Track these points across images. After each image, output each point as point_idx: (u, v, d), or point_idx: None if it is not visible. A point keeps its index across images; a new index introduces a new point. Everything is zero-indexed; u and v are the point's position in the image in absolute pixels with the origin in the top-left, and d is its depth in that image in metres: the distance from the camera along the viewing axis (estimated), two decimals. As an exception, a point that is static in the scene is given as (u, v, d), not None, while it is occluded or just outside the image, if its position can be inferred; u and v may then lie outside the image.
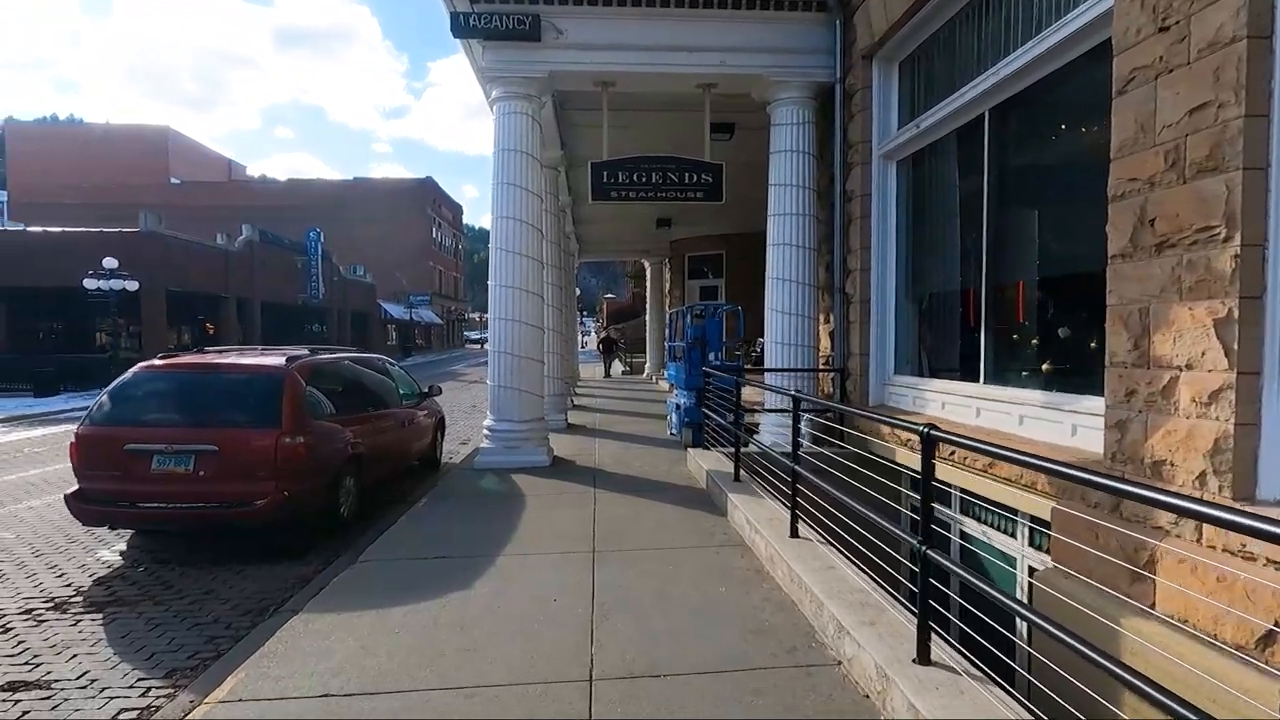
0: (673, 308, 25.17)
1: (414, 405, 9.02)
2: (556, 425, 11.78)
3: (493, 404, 8.50)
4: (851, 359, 8.26)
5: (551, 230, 11.90)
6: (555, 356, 12.04)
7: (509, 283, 8.30)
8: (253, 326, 33.70)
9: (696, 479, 7.60)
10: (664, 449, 9.69)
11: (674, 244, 25.36)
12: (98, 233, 25.79)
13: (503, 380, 8.38)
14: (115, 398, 6.08)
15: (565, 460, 8.87)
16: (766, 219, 9.23)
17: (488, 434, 8.48)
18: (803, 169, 8.61)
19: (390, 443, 7.95)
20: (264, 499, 5.77)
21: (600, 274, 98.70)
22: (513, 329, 8.33)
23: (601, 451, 9.57)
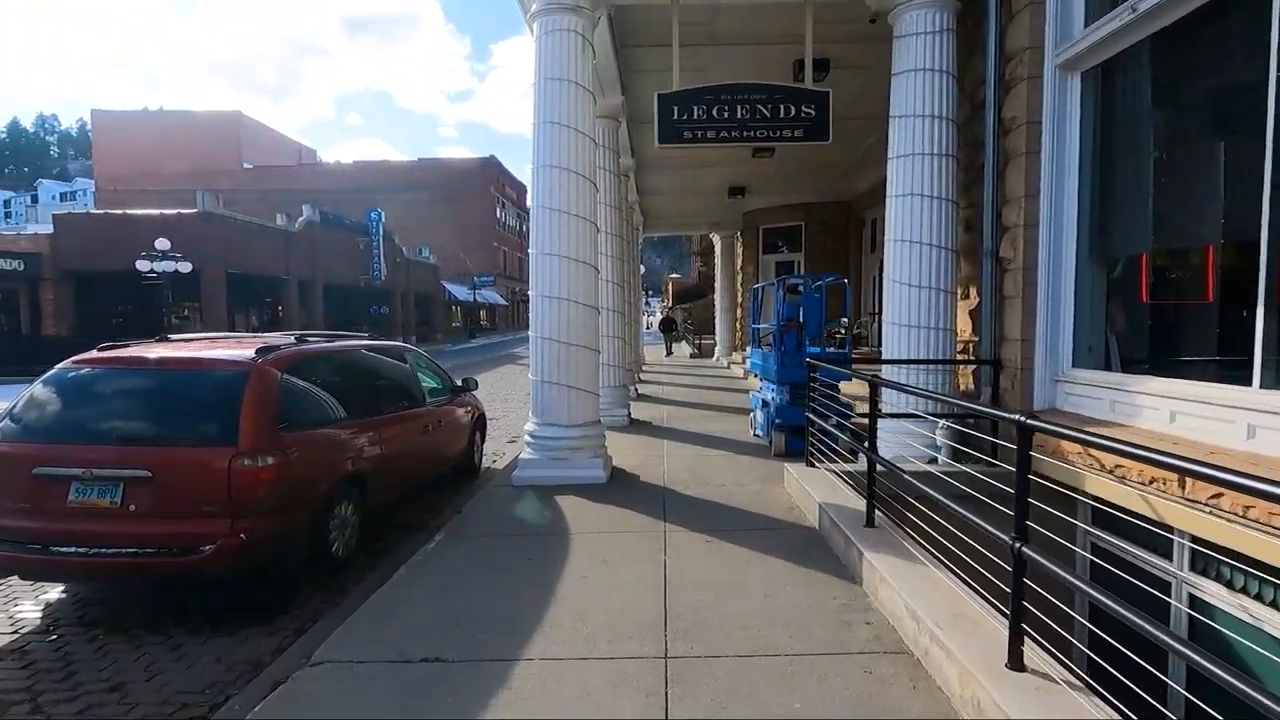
0: (756, 282, 23.08)
1: (445, 402, 7.41)
2: (617, 422, 10.03)
3: (535, 403, 6.78)
4: (1007, 346, 6.16)
5: (611, 193, 10.08)
6: (616, 341, 10.27)
7: (553, 249, 6.53)
8: (314, 309, 33.25)
9: (802, 510, 5.67)
10: (750, 458, 7.80)
11: (747, 215, 23.25)
12: (157, 215, 25.44)
13: (547, 374, 6.64)
14: (29, 404, 4.59)
15: (626, 473, 7.09)
16: (852, 185, 7.15)
17: (530, 441, 6.78)
18: (938, 93, 6.48)
19: (411, 451, 6.34)
20: (213, 544, 4.19)
21: (665, 252, 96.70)
22: (559, 310, 6.56)
23: (672, 460, 7.75)
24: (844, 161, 16.52)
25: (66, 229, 25.73)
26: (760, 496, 6.12)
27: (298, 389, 5.05)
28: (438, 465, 7.18)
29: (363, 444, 5.56)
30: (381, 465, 5.78)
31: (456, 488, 7.48)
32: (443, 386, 7.70)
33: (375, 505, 5.82)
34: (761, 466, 7.30)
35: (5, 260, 24.64)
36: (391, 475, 5.98)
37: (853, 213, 20.80)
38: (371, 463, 5.63)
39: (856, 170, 17.42)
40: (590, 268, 6.73)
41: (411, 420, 6.43)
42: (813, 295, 7.72)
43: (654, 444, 8.76)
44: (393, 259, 40.83)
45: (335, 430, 5.25)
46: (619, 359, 10.38)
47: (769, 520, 5.45)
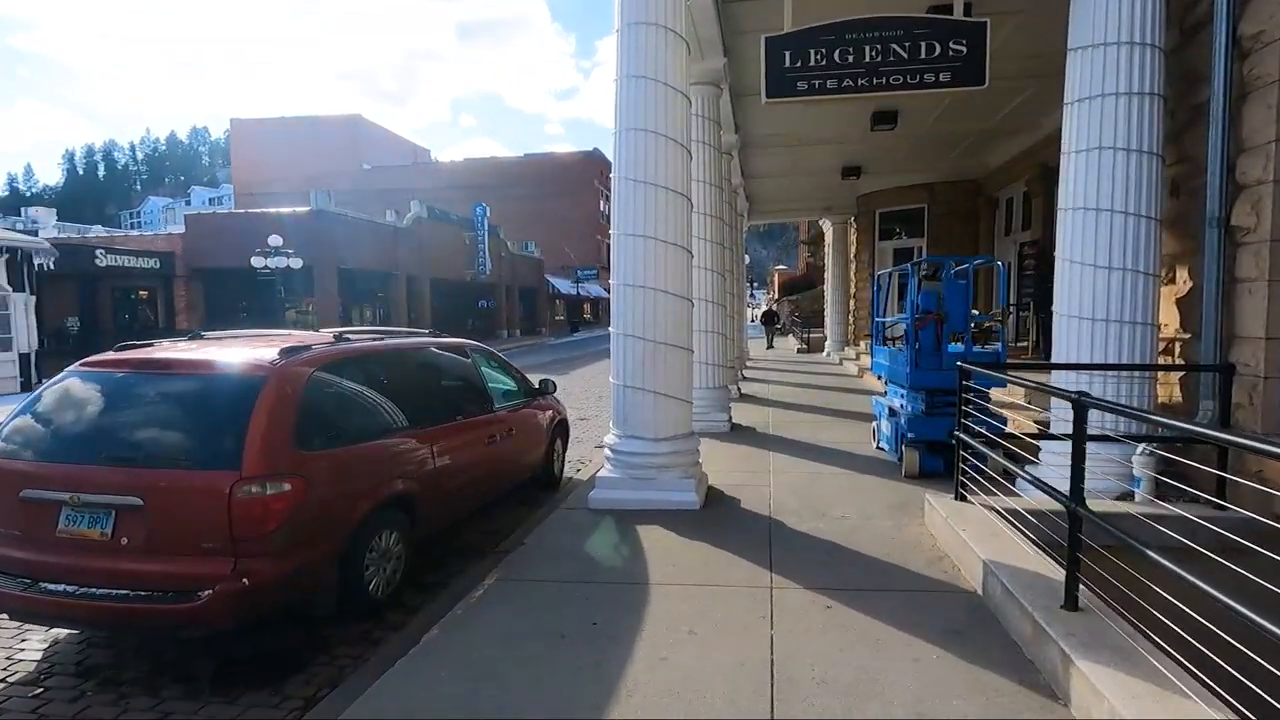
0: (871, 271, 21.26)
1: (518, 407, 6.53)
2: (715, 428, 8.89)
3: (616, 412, 5.76)
4: (1241, 347, 4.58)
5: (710, 169, 8.91)
6: (714, 337, 9.12)
7: (637, 229, 5.46)
8: (422, 303, 33.89)
9: (956, 564, 4.29)
10: (874, 479, 6.46)
11: (862, 199, 21.44)
12: (274, 213, 26.44)
13: (630, 377, 5.59)
14: (28, 414, 3.98)
15: (723, 497, 5.95)
16: (984, 160, 5.65)
17: (610, 456, 5.76)
18: (1139, 11, 4.91)
19: (474, 465, 5.47)
20: (210, 589, 3.42)
21: (770, 243, 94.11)
22: (644, 301, 5.50)
23: (779, 479, 6.53)
24: (976, 132, 14.57)
25: (195, 229, 27.21)
26: (894, 538, 4.81)
27: (328, 397, 4.24)
28: (509, 478, 6.30)
29: (412, 460, 4.71)
30: (436, 484, 4.92)
31: (532, 500, 6.60)
32: (516, 389, 6.82)
33: (429, 530, 4.98)
34: (891, 491, 5.97)
35: (143, 259, 26.28)
36: (449, 494, 5.12)
37: (983, 192, 18.67)
38: (423, 482, 4.78)
39: (990, 142, 15.38)
40: (682, 251, 5.62)
41: (474, 429, 5.55)
42: (957, 282, 6.28)
43: (758, 457, 7.55)
44: (498, 253, 41.21)
45: (377, 445, 4.41)
46: (719, 356, 9.22)
47: (909, 576, 4.15)
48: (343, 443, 4.15)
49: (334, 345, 4.49)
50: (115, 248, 25.87)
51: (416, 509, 4.70)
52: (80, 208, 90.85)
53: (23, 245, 18.27)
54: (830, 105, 13.04)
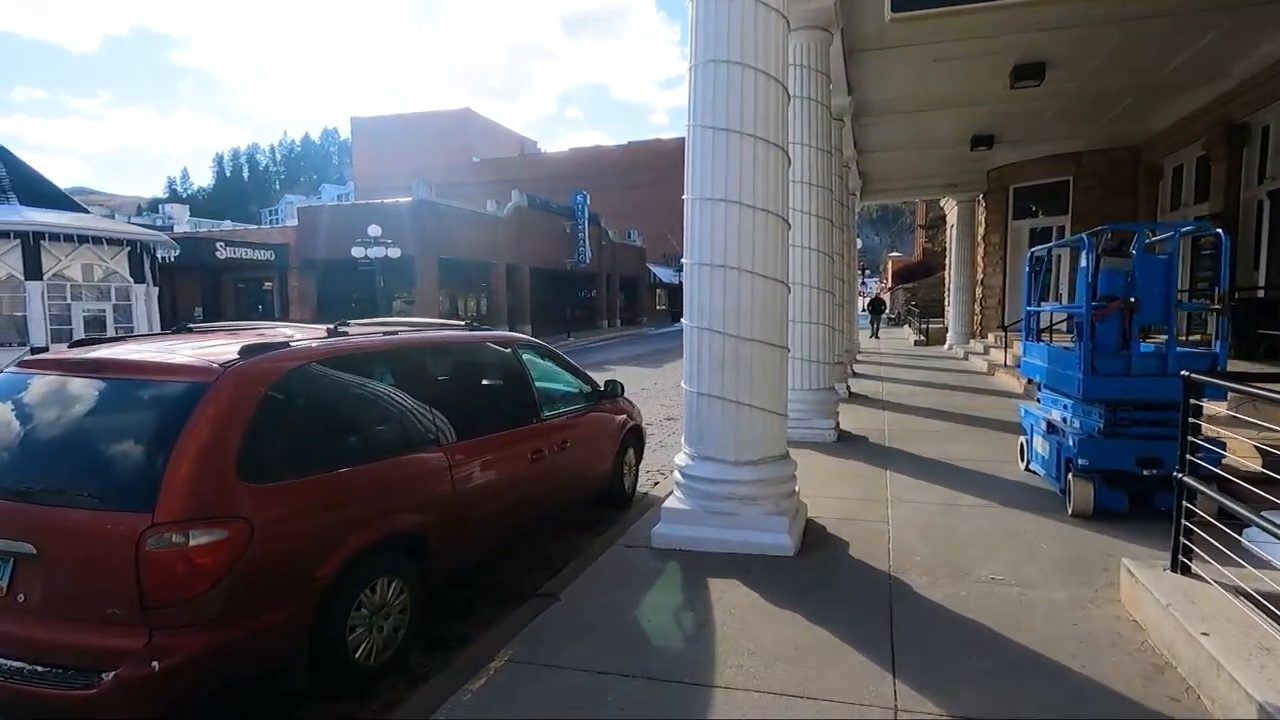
0: (1000, 254, 18.89)
1: (577, 414, 5.48)
2: (819, 436, 7.52)
3: (689, 426, 4.55)
4: None
5: (816, 129, 7.49)
6: (819, 329, 7.72)
7: (716, 191, 4.22)
8: (522, 293, 33.78)
9: (1192, 687, 2.69)
10: (1031, 516, 4.92)
11: (993, 174, 19.14)
12: (377, 204, 26.81)
13: (704, 383, 4.37)
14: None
15: (826, 536, 4.62)
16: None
17: (680, 482, 4.56)
18: None
19: (514, 485, 4.45)
20: (113, 670, 2.53)
21: (883, 229, 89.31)
22: (724, 284, 4.25)
23: (901, 513, 5.12)
24: (1141, 87, 12.23)
25: (306, 221, 28.03)
26: (1077, 623, 3.34)
27: (299, 410, 3.28)
28: (565, 498, 5.25)
29: (426, 486, 3.73)
30: (460, 515, 3.92)
31: (596, 521, 5.55)
32: (576, 391, 5.76)
33: (450, 571, 4.00)
34: (1057, 538, 4.45)
35: (259, 251, 27.34)
36: (479, 526, 4.12)
37: (1142, 160, 16.04)
38: (442, 513, 3.79)
39: (1158, 99, 12.93)
40: (777, 221, 4.33)
41: (516, 443, 4.51)
42: (1154, 257, 4.65)
43: (872, 478, 6.13)
44: (598, 242, 40.67)
45: (369, 470, 3.43)
46: (824, 352, 7.80)
47: (1116, 701, 2.70)
48: (317, 469, 3.18)
49: (317, 343, 3.53)
50: (234, 240, 27.03)
51: (431, 548, 3.71)
52: (227, 207, 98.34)
53: (142, 238, 19.05)
54: (962, 62, 11.21)
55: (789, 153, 4.54)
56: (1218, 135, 12.22)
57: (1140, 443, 4.64)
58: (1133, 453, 4.63)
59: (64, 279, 17.67)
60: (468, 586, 4.37)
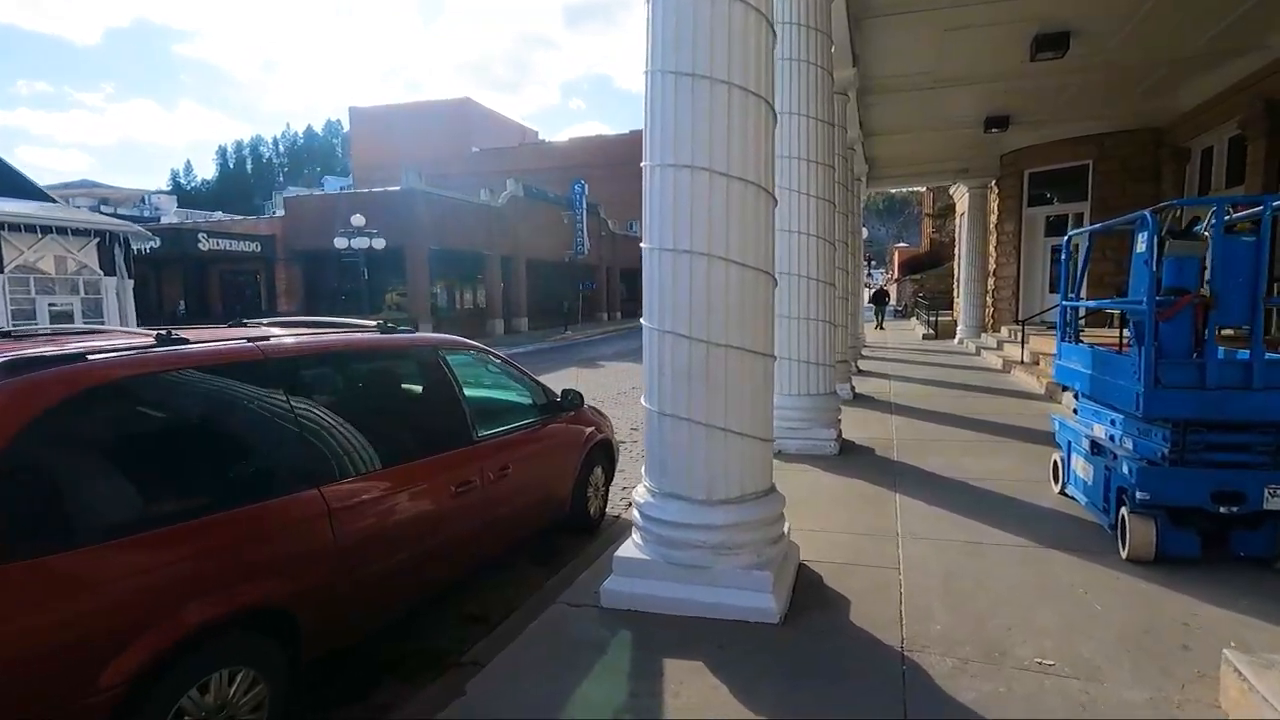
0: (1015, 243, 17.85)
1: (529, 430, 4.58)
2: (818, 448, 6.62)
3: (651, 455, 3.62)
4: None
5: (816, 99, 6.52)
6: (819, 327, 6.78)
7: (680, 156, 3.28)
8: (518, 285, 32.85)
9: None
10: (1075, 562, 3.97)
11: (1006, 159, 18.17)
12: (365, 193, 25.88)
13: (669, 402, 3.43)
14: None
15: (822, 588, 3.70)
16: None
17: (638, 523, 3.64)
18: None
19: (432, 527, 3.56)
20: None
21: (890, 220, 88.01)
22: (694, 275, 3.31)
23: (915, 554, 4.18)
24: (1171, 61, 11.22)
25: (294, 212, 27.13)
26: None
27: (79, 450, 2.36)
28: (510, 532, 4.35)
29: (286, 542, 2.82)
30: (346, 573, 3.02)
31: (555, 552, 4.68)
32: (529, 403, 4.85)
33: (336, 645, 3.11)
34: (1115, 596, 3.51)
35: (245, 243, 26.45)
36: (377, 585, 3.22)
37: (1166, 142, 15.06)
38: (315, 575, 2.89)
39: (1187, 75, 11.93)
40: (759, 193, 3.39)
41: (433, 474, 3.59)
42: (1238, 239, 3.69)
43: (879, 503, 5.20)
44: (597, 233, 39.68)
45: (193, 527, 2.52)
46: (824, 352, 6.86)
47: None
48: (103, 533, 2.28)
49: (129, 355, 2.61)
50: (217, 232, 26.15)
51: (300, 623, 2.81)
52: (232, 199, 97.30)
53: (111, 229, 18.17)
54: (978, 31, 10.20)
55: (778, 114, 3.61)
56: (1256, 112, 11.22)
57: (1216, 472, 3.71)
58: (1207, 485, 3.69)
59: (30, 271, 16.85)
60: (376, 648, 3.47)
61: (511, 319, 32.44)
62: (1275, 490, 3.63)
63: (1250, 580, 3.61)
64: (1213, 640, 3.01)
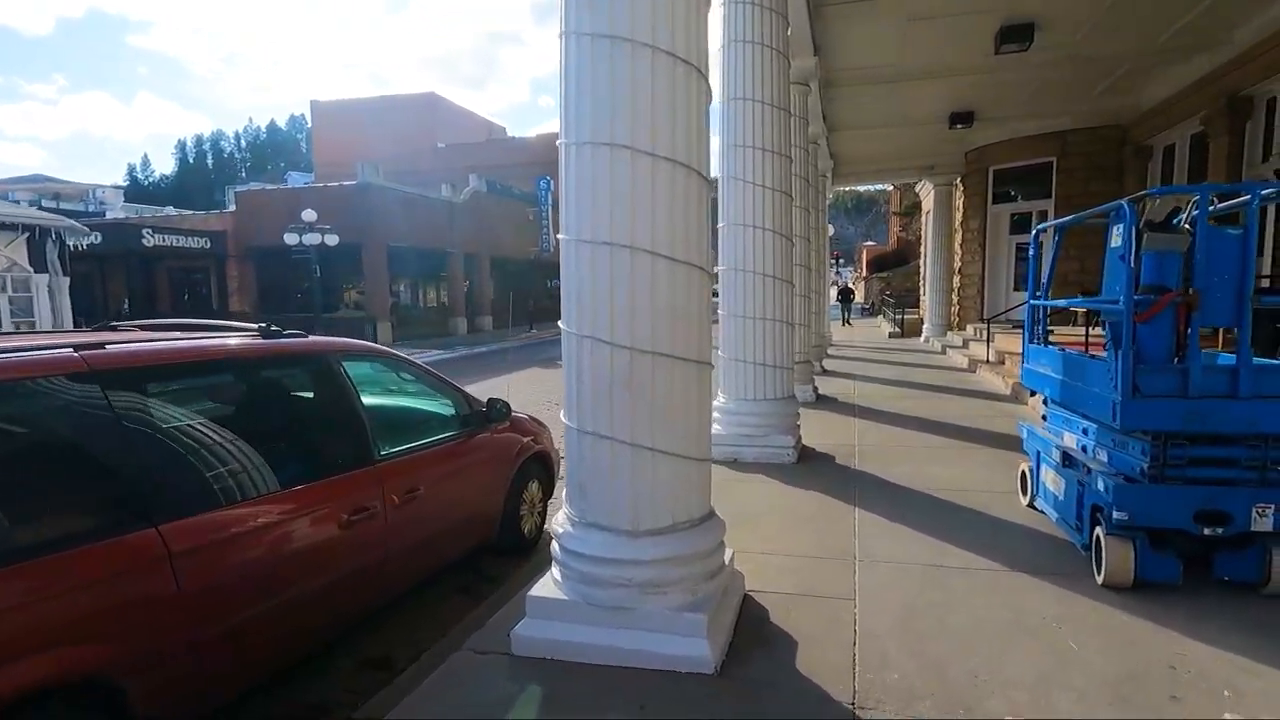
0: (980, 241, 17.68)
1: (446, 445, 4.09)
2: (776, 457, 6.22)
3: (570, 479, 3.15)
4: None
5: (769, 82, 6.09)
6: (776, 328, 6.37)
7: (598, 133, 2.81)
8: (482, 283, 32.15)
9: None
10: (1048, 589, 3.59)
11: (971, 156, 18.03)
12: (319, 188, 25.01)
13: (589, 418, 2.95)
14: None
15: (766, 626, 3.27)
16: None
17: (556, 556, 3.16)
18: None
19: (310, 564, 3.05)
20: None
21: (858, 218, 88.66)
22: (615, 271, 2.85)
23: (874, 581, 3.77)
24: (1135, 55, 11.08)
25: (246, 206, 26.14)
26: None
27: None
28: (422, 561, 3.86)
29: (107, 595, 2.31)
30: (192, 629, 2.52)
31: (481, 578, 4.20)
32: (451, 415, 4.35)
33: (188, 713, 2.60)
34: (1094, 632, 3.12)
35: (193, 239, 25.40)
36: (236, 640, 2.71)
37: (1129, 140, 15.01)
38: (149, 634, 2.39)
39: (1150, 71, 11.84)
40: (689, 176, 2.94)
41: (315, 503, 3.08)
42: (1223, 232, 3.33)
43: (837, 519, 4.80)
44: (563, 230, 38.97)
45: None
46: (782, 354, 6.46)
47: None
48: None
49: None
50: (163, 227, 25.06)
51: (131, 695, 2.30)
52: (192, 194, 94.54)
53: (42, 223, 17.17)
54: (942, 22, 9.88)
55: (731, 100, 3.16)
56: (1219, 109, 11.10)
57: (1200, 490, 3.35)
58: (1190, 504, 3.34)
59: (-46, 267, 15.89)
60: (248, 703, 2.96)
61: (475, 317, 31.73)
62: (1264, 510, 3.28)
63: (1237, 609, 3.26)
64: (1204, 688, 2.64)
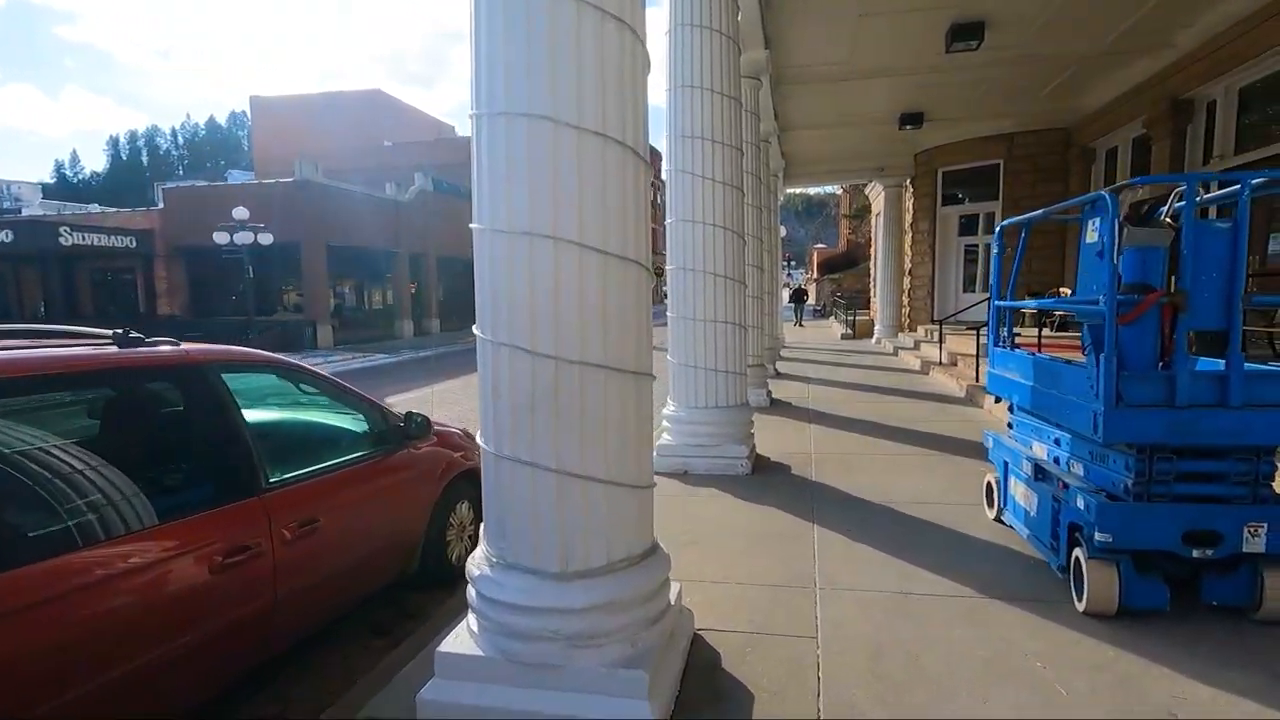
0: (930, 242, 17.71)
1: (355, 466, 3.57)
2: (729, 469, 5.83)
3: (488, 511, 2.69)
4: None
5: (716, 68, 5.71)
6: (727, 330, 5.98)
7: (512, 103, 2.36)
8: (428, 284, 31.20)
9: None
10: (1025, 617, 3.26)
11: (921, 157, 18.07)
12: (254, 185, 23.83)
13: (507, 441, 2.49)
14: None
15: (718, 677, 2.86)
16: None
17: (472, 602, 2.69)
18: None
19: (170, 621, 2.52)
20: None
21: (809, 221, 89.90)
22: (536, 266, 2.41)
23: (837, 616, 3.39)
24: (1079, 58, 11.11)
25: (174, 204, 24.76)
26: None
27: None
28: (322, 602, 3.33)
29: None
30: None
31: (402, 614, 3.68)
32: (362, 431, 3.83)
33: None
34: (1080, 668, 2.79)
35: (116, 238, 23.93)
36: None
37: (1073, 143, 15.22)
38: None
39: (1094, 74, 11.94)
40: (624, 155, 2.50)
41: (177, 544, 2.55)
42: (1212, 226, 3.04)
43: (795, 540, 4.42)
44: (513, 230, 38.22)
45: None
46: (735, 359, 6.08)
47: None
48: None
49: None
50: (84, 225, 23.55)
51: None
52: (124, 192, 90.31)
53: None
54: (894, 18, 9.69)
55: (676, 87, 2.73)
56: (1161, 111, 11.20)
57: (1189, 508, 3.06)
58: (1179, 524, 3.04)
59: None
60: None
61: (422, 319, 30.78)
62: (1256, 529, 3.00)
63: (1232, 639, 2.98)
64: (1211, 740, 2.31)
